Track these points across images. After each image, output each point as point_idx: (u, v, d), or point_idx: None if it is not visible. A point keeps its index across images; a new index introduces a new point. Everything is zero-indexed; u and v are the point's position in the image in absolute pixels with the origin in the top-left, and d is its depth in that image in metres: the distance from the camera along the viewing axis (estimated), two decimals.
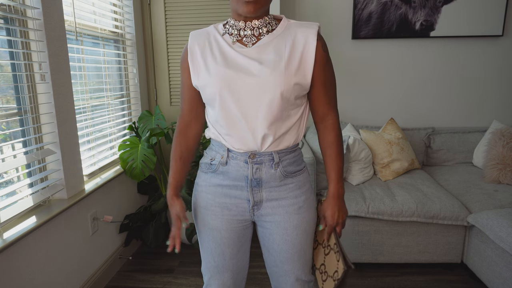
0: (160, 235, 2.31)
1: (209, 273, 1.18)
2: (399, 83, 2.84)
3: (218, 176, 1.10)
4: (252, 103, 0.99)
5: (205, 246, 1.16)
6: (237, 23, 1.03)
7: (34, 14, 1.56)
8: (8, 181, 1.55)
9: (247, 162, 1.05)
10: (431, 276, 2.10)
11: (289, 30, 1.02)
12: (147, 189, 2.53)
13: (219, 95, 1.00)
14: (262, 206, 1.09)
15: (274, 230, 1.10)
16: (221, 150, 1.09)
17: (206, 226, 1.14)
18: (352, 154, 2.26)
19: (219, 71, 1.01)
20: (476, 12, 2.64)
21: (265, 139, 1.02)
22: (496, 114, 2.86)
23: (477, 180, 2.34)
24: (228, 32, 1.05)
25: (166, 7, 2.59)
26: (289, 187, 1.08)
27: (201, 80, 1.04)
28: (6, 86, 1.53)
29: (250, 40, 1.02)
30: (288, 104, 1.01)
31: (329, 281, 1.11)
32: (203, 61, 1.04)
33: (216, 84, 1.00)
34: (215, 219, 1.12)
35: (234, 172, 1.07)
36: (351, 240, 2.08)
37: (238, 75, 0.99)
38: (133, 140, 2.30)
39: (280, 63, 0.98)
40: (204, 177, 1.13)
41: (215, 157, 1.10)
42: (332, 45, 2.79)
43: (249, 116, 1.00)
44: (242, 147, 1.04)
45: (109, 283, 2.08)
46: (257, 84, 0.98)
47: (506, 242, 1.69)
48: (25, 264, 1.49)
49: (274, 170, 1.06)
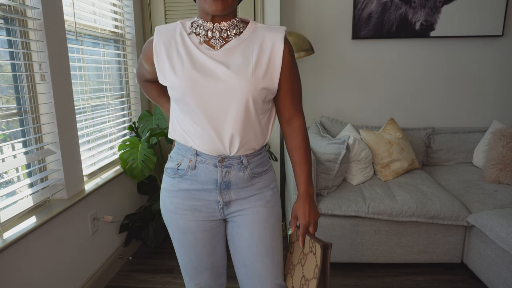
0: (160, 235, 2.31)
1: (188, 275, 1.18)
2: (399, 83, 2.84)
3: (186, 181, 1.08)
4: (219, 108, 0.98)
5: (181, 250, 1.15)
6: (205, 24, 1.00)
7: (34, 14, 1.56)
8: (8, 181, 1.55)
9: (216, 166, 1.04)
10: (431, 276, 2.10)
11: (256, 34, 1.01)
12: (147, 189, 2.53)
13: (186, 98, 0.99)
14: (231, 205, 1.09)
15: (242, 224, 1.10)
16: (188, 154, 1.06)
17: (179, 230, 1.12)
18: (352, 154, 2.26)
19: (186, 73, 0.98)
20: (476, 12, 2.64)
21: (233, 143, 1.02)
22: (496, 114, 2.86)
23: (477, 180, 2.34)
24: (195, 31, 1.02)
25: (166, 7, 2.59)
26: (256, 186, 1.10)
27: (167, 81, 1.02)
28: (6, 86, 1.53)
29: (218, 42, 1.00)
30: (256, 108, 1.01)
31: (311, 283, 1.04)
32: (168, 61, 1.01)
33: (183, 87, 0.98)
34: (187, 222, 1.10)
35: (203, 176, 1.06)
36: (351, 240, 2.08)
37: (205, 79, 0.97)
38: (133, 140, 2.30)
39: (248, 68, 0.97)
40: (171, 182, 1.11)
41: (181, 162, 1.08)
42: (332, 45, 2.79)
43: (216, 120, 0.99)
44: (211, 152, 1.03)
45: (109, 283, 2.08)
46: (224, 89, 0.97)
47: (506, 242, 1.69)
48: (25, 264, 1.49)
49: (243, 173, 1.06)
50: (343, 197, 2.08)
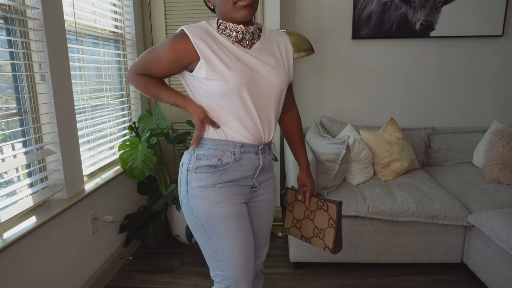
0: (160, 235, 2.31)
1: (239, 273, 1.16)
2: (399, 83, 2.84)
3: (228, 172, 1.14)
4: (264, 100, 1.11)
5: (237, 238, 1.14)
6: (236, 26, 1.08)
7: (34, 14, 1.56)
8: (8, 181, 1.55)
9: (257, 154, 1.16)
10: (431, 276, 2.10)
11: (270, 36, 1.17)
12: (147, 189, 2.53)
13: (241, 91, 1.06)
14: (258, 187, 1.23)
15: (264, 207, 1.28)
16: (230, 147, 1.12)
17: (233, 216, 1.14)
18: (352, 154, 2.25)
19: (239, 67, 1.05)
20: (476, 12, 2.64)
21: (271, 131, 1.17)
22: (496, 114, 2.86)
23: (477, 180, 2.34)
24: (225, 33, 1.09)
25: (166, 7, 2.59)
26: (270, 169, 1.28)
27: (219, 75, 1.04)
28: (6, 86, 1.53)
29: (247, 43, 1.10)
30: (282, 99, 1.19)
31: (328, 231, 1.31)
32: (216, 57, 1.05)
33: (239, 80, 1.04)
34: (237, 205, 1.16)
35: (247, 165, 1.16)
36: (351, 240, 2.08)
37: (255, 73, 1.08)
38: (133, 140, 2.30)
39: (281, 65, 1.15)
40: (211, 178, 1.13)
41: (222, 157, 1.12)
42: (332, 45, 2.79)
43: (262, 111, 1.12)
44: (255, 141, 1.14)
45: (109, 283, 2.08)
46: (267, 83, 1.10)
47: (506, 242, 1.69)
48: (25, 264, 1.49)
49: (269, 156, 1.24)
50: (343, 197, 2.08)
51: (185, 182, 1.16)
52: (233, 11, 1.02)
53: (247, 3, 1.00)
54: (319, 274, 2.13)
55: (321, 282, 2.05)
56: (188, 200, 1.15)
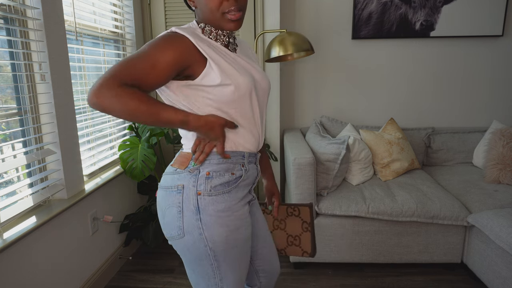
0: (160, 235, 2.31)
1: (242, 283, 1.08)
2: (399, 83, 2.84)
3: (240, 188, 1.02)
4: (262, 104, 1.08)
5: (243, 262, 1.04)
6: (224, 31, 1.02)
7: (34, 14, 1.56)
8: (8, 181, 1.55)
9: (255, 163, 1.10)
10: (431, 276, 2.10)
11: (241, 43, 1.14)
12: (147, 189, 2.53)
13: (252, 95, 1.00)
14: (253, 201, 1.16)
15: (256, 211, 1.20)
16: (239, 159, 1.02)
17: (247, 240, 1.03)
18: (352, 154, 2.26)
19: (245, 71, 0.99)
20: (476, 12, 2.64)
21: (262, 136, 1.11)
22: (496, 114, 2.86)
23: (477, 180, 2.34)
24: (211, 36, 1.00)
25: (166, 7, 2.59)
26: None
27: (230, 78, 0.94)
28: (6, 86, 1.53)
29: (234, 47, 1.06)
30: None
31: (304, 236, 1.27)
32: (221, 58, 0.96)
33: (249, 84, 0.98)
34: (248, 227, 1.04)
35: (251, 177, 1.07)
36: (351, 240, 2.08)
37: (257, 76, 1.05)
38: (133, 140, 2.30)
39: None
40: (228, 198, 0.98)
41: (234, 170, 1.00)
42: (332, 45, 2.79)
43: (261, 116, 1.07)
44: (256, 149, 1.08)
45: (109, 283, 2.08)
46: (262, 86, 1.07)
47: (506, 242, 1.69)
48: (25, 264, 1.49)
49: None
50: (343, 197, 2.08)
51: (195, 209, 0.95)
52: (221, 21, 0.96)
53: (236, 18, 0.95)
54: (319, 274, 2.13)
55: (321, 282, 2.05)
56: (201, 230, 0.95)
